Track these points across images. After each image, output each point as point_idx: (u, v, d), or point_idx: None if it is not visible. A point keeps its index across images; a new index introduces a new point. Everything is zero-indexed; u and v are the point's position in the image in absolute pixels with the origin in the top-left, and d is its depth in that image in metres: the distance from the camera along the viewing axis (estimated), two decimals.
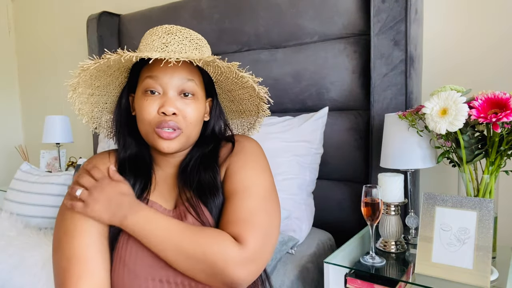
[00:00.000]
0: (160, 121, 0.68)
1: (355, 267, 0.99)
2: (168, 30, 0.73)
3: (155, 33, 0.73)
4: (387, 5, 1.24)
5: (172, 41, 0.70)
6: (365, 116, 1.37)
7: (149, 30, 0.76)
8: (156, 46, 0.70)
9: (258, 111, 0.84)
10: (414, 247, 1.09)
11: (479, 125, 0.95)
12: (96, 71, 0.70)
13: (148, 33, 0.75)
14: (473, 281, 0.85)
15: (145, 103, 0.68)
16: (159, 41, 0.71)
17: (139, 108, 0.70)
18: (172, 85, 0.69)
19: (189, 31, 0.74)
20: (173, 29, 0.73)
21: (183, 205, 0.71)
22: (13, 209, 1.59)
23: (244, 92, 0.79)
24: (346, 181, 1.43)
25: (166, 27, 0.73)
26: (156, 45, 0.70)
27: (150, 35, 0.73)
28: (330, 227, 1.44)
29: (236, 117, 0.91)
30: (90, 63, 0.65)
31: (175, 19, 1.83)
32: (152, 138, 0.70)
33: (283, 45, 1.54)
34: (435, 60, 1.33)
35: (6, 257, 1.23)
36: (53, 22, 2.71)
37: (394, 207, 1.07)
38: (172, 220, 0.65)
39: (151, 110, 0.68)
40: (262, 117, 0.85)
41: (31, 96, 2.97)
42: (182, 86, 0.70)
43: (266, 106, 0.81)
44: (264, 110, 0.82)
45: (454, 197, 0.91)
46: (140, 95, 0.70)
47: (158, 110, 0.68)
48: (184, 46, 0.71)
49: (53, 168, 2.31)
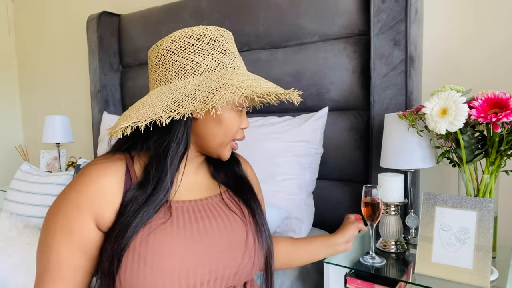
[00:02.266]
0: (241, 134, 0.76)
1: (355, 267, 0.99)
2: (230, 37, 0.76)
3: (224, 39, 0.73)
4: (387, 5, 1.24)
5: (236, 53, 0.77)
6: (365, 116, 1.37)
7: (207, 32, 0.72)
8: (239, 63, 0.75)
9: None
10: (414, 247, 1.09)
11: (479, 125, 0.95)
12: None
13: (212, 38, 0.72)
14: (473, 281, 0.85)
15: (236, 118, 0.73)
16: (234, 52, 0.75)
17: (230, 121, 0.72)
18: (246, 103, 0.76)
19: (230, 36, 0.78)
20: (229, 36, 0.76)
21: (224, 193, 0.79)
22: (13, 209, 1.59)
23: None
24: (346, 181, 1.43)
25: (222, 32, 0.74)
26: (238, 60, 0.75)
27: (219, 42, 0.72)
28: (330, 227, 1.44)
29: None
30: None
31: (175, 19, 1.83)
32: (226, 148, 0.75)
33: (283, 45, 1.54)
34: (435, 60, 1.33)
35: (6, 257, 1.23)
36: (53, 22, 2.71)
37: (394, 207, 1.07)
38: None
39: (239, 124, 0.74)
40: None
41: (31, 96, 2.97)
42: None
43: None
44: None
45: (454, 197, 0.91)
46: (230, 107, 0.71)
47: (241, 125, 0.74)
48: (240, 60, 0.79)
49: (53, 168, 2.31)
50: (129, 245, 0.64)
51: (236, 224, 0.73)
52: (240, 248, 0.71)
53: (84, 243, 0.65)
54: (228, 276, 0.69)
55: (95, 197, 0.65)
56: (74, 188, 0.67)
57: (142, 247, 0.64)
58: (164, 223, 0.66)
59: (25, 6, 2.90)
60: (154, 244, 0.64)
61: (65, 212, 0.65)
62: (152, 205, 0.66)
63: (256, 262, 0.73)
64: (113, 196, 0.66)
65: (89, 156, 2.48)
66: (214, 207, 0.74)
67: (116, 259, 0.63)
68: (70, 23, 2.59)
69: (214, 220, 0.72)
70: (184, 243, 0.66)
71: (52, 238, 0.65)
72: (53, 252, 0.64)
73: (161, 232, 0.65)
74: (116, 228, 0.64)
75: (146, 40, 1.98)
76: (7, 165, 2.89)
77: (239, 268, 0.70)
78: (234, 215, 0.75)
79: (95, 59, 2.12)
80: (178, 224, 0.67)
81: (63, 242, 0.64)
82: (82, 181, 0.67)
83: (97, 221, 0.66)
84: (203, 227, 0.69)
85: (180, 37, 0.70)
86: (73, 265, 0.65)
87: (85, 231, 0.65)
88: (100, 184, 0.66)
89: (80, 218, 0.65)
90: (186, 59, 0.70)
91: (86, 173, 0.67)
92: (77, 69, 2.57)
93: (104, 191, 0.66)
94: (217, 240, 0.69)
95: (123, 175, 0.68)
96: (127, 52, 2.11)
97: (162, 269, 0.63)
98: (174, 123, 0.68)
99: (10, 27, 2.96)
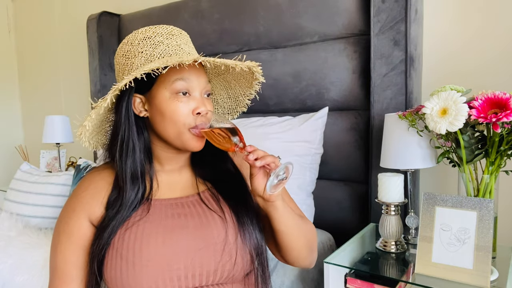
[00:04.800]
0: (197, 121, 0.72)
1: (355, 267, 0.99)
2: (170, 32, 0.75)
3: (158, 35, 0.73)
4: (387, 5, 1.24)
5: (180, 43, 0.75)
6: (365, 116, 1.37)
7: (139, 35, 0.74)
8: (171, 50, 0.73)
9: (251, 86, 0.85)
10: (414, 247, 1.09)
11: (479, 125, 0.95)
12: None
13: (144, 37, 0.73)
14: (473, 281, 0.85)
15: (180, 105, 0.71)
16: (170, 42, 0.73)
17: (171, 110, 0.71)
18: (200, 86, 0.73)
19: (180, 31, 0.78)
20: (174, 31, 0.76)
21: (203, 193, 0.79)
22: (13, 209, 1.59)
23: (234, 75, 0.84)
24: (346, 181, 1.43)
25: (161, 29, 0.75)
26: (172, 49, 0.73)
27: (151, 39, 0.73)
28: (330, 227, 1.44)
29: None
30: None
31: (175, 19, 1.83)
32: (185, 138, 0.72)
33: (283, 45, 1.54)
34: (435, 60, 1.33)
35: (6, 257, 1.23)
36: (53, 22, 2.71)
37: (394, 207, 1.07)
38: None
39: (185, 111, 0.71)
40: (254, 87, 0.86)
41: (31, 96, 2.97)
42: (206, 87, 0.75)
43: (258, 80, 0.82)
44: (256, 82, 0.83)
45: (454, 197, 0.91)
46: (168, 96, 0.71)
47: (193, 111, 0.71)
48: (192, 48, 0.77)
49: (53, 168, 2.31)
50: (110, 243, 0.69)
51: (215, 222, 0.74)
52: (218, 246, 0.71)
53: (83, 241, 0.72)
54: (207, 273, 0.70)
55: (87, 199, 0.74)
56: (72, 196, 0.77)
57: (119, 243, 0.69)
58: (140, 220, 0.71)
59: (25, 6, 2.90)
60: (129, 239, 0.69)
61: (65, 216, 0.75)
62: (126, 205, 0.71)
63: (239, 261, 0.72)
64: (101, 196, 0.74)
65: (89, 156, 2.48)
66: (193, 205, 0.76)
67: (96, 258, 0.69)
68: (70, 23, 2.59)
69: (191, 218, 0.73)
70: (159, 238, 0.69)
71: (58, 242, 0.73)
72: (59, 254, 0.72)
73: (136, 228, 0.70)
74: (98, 228, 0.71)
75: None
76: (7, 165, 2.89)
77: (218, 265, 0.71)
78: (213, 213, 0.75)
79: (95, 59, 2.12)
80: (154, 221, 0.71)
81: (66, 243, 0.72)
82: (77, 189, 0.77)
83: (91, 219, 0.73)
84: (179, 224, 0.72)
85: (119, 47, 0.77)
86: (77, 264, 0.72)
87: (82, 229, 0.73)
88: (91, 188, 0.75)
89: (76, 218, 0.73)
90: (122, 64, 0.75)
91: (81, 182, 0.78)
92: (77, 69, 2.56)
93: (94, 193, 0.74)
94: (193, 237, 0.71)
95: (112, 179, 0.76)
96: None
97: (136, 263, 0.67)
98: (117, 127, 0.73)
99: (10, 27, 2.96)
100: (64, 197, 1.57)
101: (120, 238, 0.69)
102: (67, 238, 0.72)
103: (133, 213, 0.72)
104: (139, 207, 0.73)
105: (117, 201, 0.72)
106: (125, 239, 0.69)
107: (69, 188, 1.59)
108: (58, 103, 2.74)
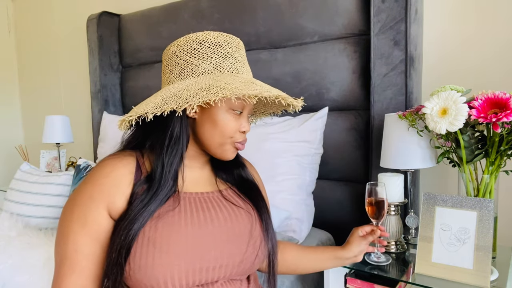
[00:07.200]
0: (241, 137, 0.77)
1: (355, 267, 0.99)
2: (237, 45, 0.78)
3: (228, 45, 0.76)
4: (387, 5, 1.24)
5: (244, 60, 0.80)
6: (365, 116, 1.37)
7: (210, 38, 0.75)
8: (238, 65, 0.77)
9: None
10: (414, 247, 1.09)
11: (479, 125, 0.95)
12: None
13: (215, 43, 0.75)
14: (473, 281, 0.85)
15: (232, 120, 0.75)
16: (238, 57, 0.77)
17: (224, 123, 0.74)
18: (250, 108, 0.79)
19: (242, 44, 0.81)
20: (240, 44, 0.80)
21: (225, 190, 0.81)
22: (13, 209, 1.59)
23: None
24: (346, 181, 1.43)
25: (231, 39, 0.77)
26: (239, 65, 0.77)
27: (222, 48, 0.75)
28: (330, 227, 1.44)
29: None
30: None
31: (175, 19, 1.83)
32: (226, 149, 0.77)
33: (283, 45, 1.54)
34: (435, 60, 1.33)
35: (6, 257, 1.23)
36: (53, 22, 2.71)
37: (394, 207, 1.07)
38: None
39: (235, 127, 0.76)
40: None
41: (31, 96, 2.97)
42: (251, 111, 0.80)
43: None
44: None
45: (454, 197, 0.91)
46: (225, 110, 0.74)
47: (240, 128, 0.76)
48: (247, 65, 0.82)
49: (53, 168, 2.31)
50: (139, 233, 0.67)
51: (241, 215, 0.77)
52: (244, 238, 0.75)
53: (98, 232, 0.69)
54: (233, 264, 0.72)
55: (108, 187, 0.70)
56: (88, 181, 0.71)
57: (151, 231, 0.68)
58: (172, 210, 0.71)
59: (25, 6, 2.90)
60: (163, 229, 0.68)
61: (80, 203, 0.70)
62: (160, 197, 0.70)
63: (260, 254, 0.77)
64: (124, 186, 0.71)
65: (89, 156, 2.48)
66: (219, 199, 0.79)
67: (124, 250, 0.66)
68: (70, 23, 2.59)
69: (220, 211, 0.76)
70: (191, 229, 0.70)
71: (69, 229, 0.69)
72: (70, 242, 0.68)
73: (170, 218, 0.70)
74: (125, 219, 0.68)
75: (146, 40, 1.98)
76: (7, 165, 2.90)
77: (243, 257, 0.74)
78: (238, 208, 0.78)
79: (95, 59, 2.12)
80: (186, 212, 0.72)
81: (79, 231, 0.68)
82: (96, 174, 0.72)
83: (110, 210, 0.69)
84: (209, 216, 0.73)
85: (184, 42, 0.76)
86: (89, 254, 0.68)
87: (99, 220, 0.69)
88: (112, 176, 0.71)
89: (94, 208, 0.69)
90: (187, 61, 0.74)
91: (100, 166, 0.73)
92: (77, 69, 2.57)
93: (116, 182, 0.70)
94: (222, 229, 0.73)
95: (134, 168, 0.73)
96: (127, 52, 2.11)
97: (170, 252, 0.67)
98: (170, 122, 0.72)
99: (10, 27, 2.96)
100: (64, 197, 1.57)
101: (153, 227, 0.68)
102: (81, 227, 0.68)
103: (163, 205, 0.72)
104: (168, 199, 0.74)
105: (148, 191, 0.70)
106: (158, 228, 0.68)
107: (69, 188, 1.59)
108: (58, 103, 2.74)
